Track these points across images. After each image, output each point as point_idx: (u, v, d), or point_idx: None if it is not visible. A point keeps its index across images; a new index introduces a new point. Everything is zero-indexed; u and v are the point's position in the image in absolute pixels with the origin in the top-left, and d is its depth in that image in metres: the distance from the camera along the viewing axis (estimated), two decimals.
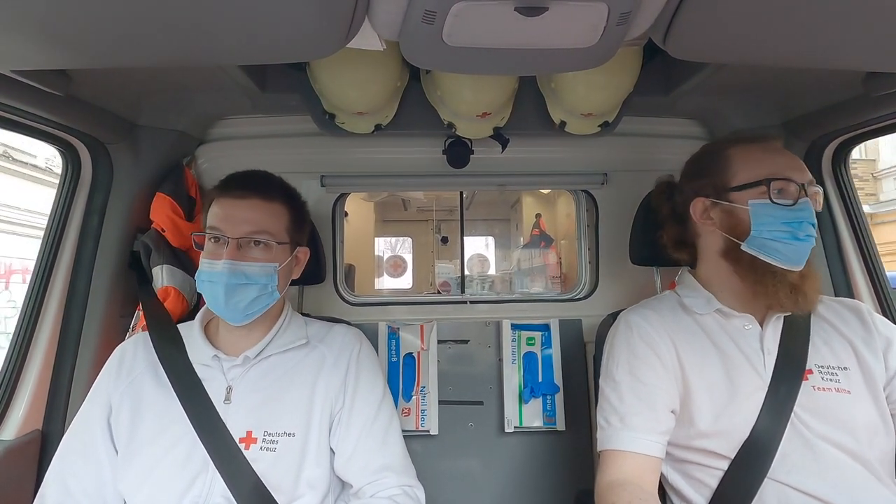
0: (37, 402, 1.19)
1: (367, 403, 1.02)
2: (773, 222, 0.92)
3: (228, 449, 0.92)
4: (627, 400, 0.96)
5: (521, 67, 0.91)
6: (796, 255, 0.92)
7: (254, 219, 0.96)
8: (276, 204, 1.00)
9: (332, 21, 0.66)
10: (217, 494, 0.91)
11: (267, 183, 1.03)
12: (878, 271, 1.34)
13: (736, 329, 0.99)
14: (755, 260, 0.94)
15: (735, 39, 0.74)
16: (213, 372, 0.99)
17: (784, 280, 0.93)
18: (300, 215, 1.07)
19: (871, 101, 1.07)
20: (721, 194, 0.99)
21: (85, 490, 0.94)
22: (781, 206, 0.92)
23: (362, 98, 1.18)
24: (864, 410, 0.91)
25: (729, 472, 0.91)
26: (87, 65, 0.77)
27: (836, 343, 0.98)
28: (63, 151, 1.22)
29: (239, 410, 0.96)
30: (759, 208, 0.93)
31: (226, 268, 0.93)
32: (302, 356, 1.04)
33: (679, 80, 1.27)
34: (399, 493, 0.96)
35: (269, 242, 0.97)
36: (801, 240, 0.91)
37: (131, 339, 1.10)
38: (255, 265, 0.96)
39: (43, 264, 1.21)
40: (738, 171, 0.98)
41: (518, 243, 5.08)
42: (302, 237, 1.08)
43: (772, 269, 0.93)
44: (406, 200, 5.47)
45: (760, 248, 0.93)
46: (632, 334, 1.02)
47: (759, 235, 0.93)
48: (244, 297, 0.95)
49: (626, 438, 0.92)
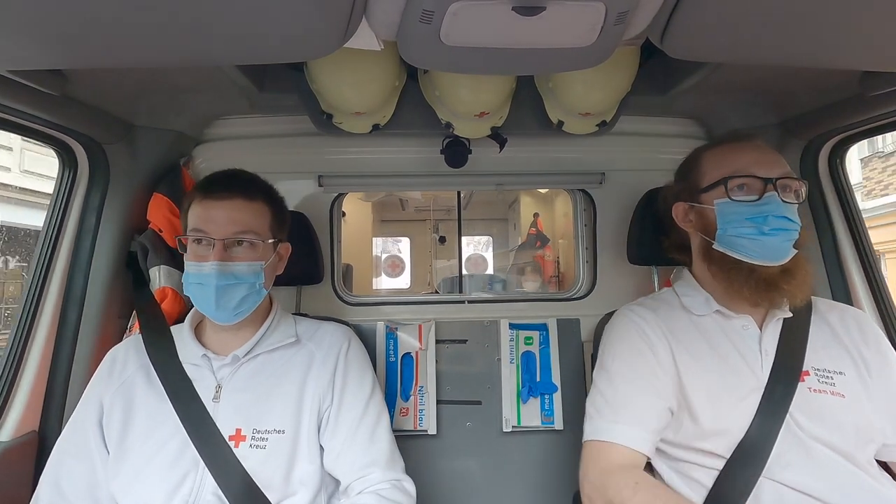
0: (33, 403, 1.18)
1: (356, 400, 1.03)
2: (736, 219, 0.93)
3: (218, 447, 0.93)
4: (621, 392, 0.96)
5: (518, 67, 0.91)
6: (765, 249, 0.92)
7: (239, 219, 0.97)
8: (258, 203, 1.01)
9: (330, 21, 0.66)
10: (208, 492, 0.91)
11: (249, 182, 1.04)
12: (874, 270, 1.35)
13: (734, 330, 0.99)
14: (725, 257, 0.96)
15: (732, 39, 0.74)
16: (203, 371, 1.00)
17: (758, 276, 0.93)
18: (281, 212, 1.08)
19: (867, 101, 1.07)
20: (694, 196, 1.02)
21: (77, 492, 0.95)
22: (744, 203, 0.93)
23: (360, 98, 1.18)
24: (858, 415, 0.91)
25: (724, 472, 0.91)
26: (83, 65, 0.77)
27: (835, 348, 0.98)
28: (60, 152, 1.21)
29: (228, 408, 0.97)
30: (723, 207, 0.95)
31: (214, 269, 0.94)
32: (291, 354, 1.05)
33: (676, 80, 1.27)
34: (386, 487, 0.97)
35: (255, 241, 0.98)
36: (767, 234, 0.91)
37: (123, 341, 1.11)
38: (243, 264, 0.97)
39: (40, 265, 1.21)
40: (706, 173, 1.00)
41: (517, 243, 5.08)
42: (283, 233, 1.09)
43: (744, 266, 0.94)
44: (404, 200, 5.47)
45: (729, 246, 0.95)
46: (630, 329, 1.03)
47: (724, 233, 0.95)
48: (233, 297, 0.96)
49: (617, 431, 0.92)
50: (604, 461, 0.91)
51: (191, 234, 0.98)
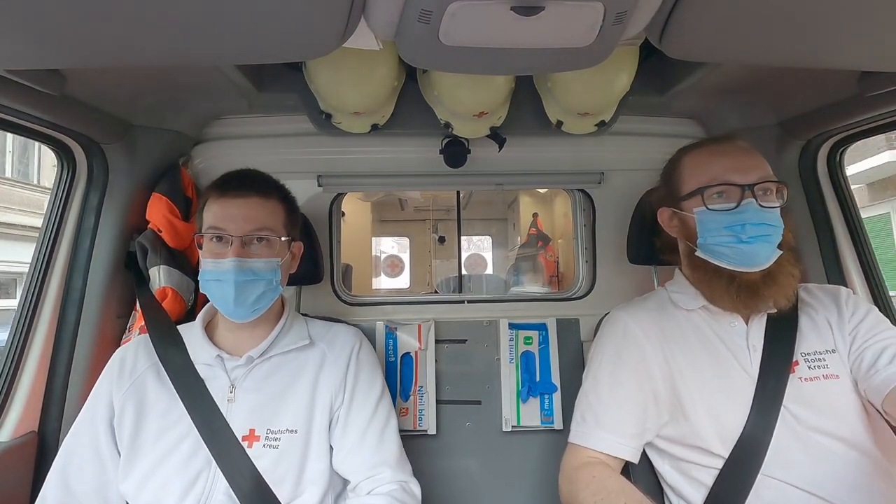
0: (33, 403, 1.18)
1: (366, 401, 1.04)
2: (715, 228, 0.93)
3: (231, 447, 0.94)
4: (605, 400, 0.99)
5: (517, 67, 0.91)
6: (744, 257, 0.91)
7: (256, 216, 0.99)
8: (273, 201, 1.03)
9: (329, 21, 0.66)
10: (219, 492, 0.92)
11: (264, 181, 1.06)
12: (873, 270, 1.35)
13: (722, 326, 1.00)
14: (707, 264, 0.96)
15: (731, 39, 0.74)
16: (216, 371, 1.01)
17: (740, 282, 0.93)
18: (294, 211, 1.10)
19: (865, 101, 1.07)
20: (676, 203, 1.02)
21: (87, 491, 0.95)
22: (721, 212, 0.92)
23: (359, 98, 1.18)
24: (854, 393, 0.92)
25: (724, 470, 0.92)
26: (82, 64, 0.77)
27: (822, 326, 0.98)
28: (58, 152, 1.21)
29: (242, 409, 0.97)
30: (701, 215, 0.95)
31: (233, 265, 0.95)
32: (304, 355, 1.06)
33: (675, 80, 1.27)
34: (396, 489, 0.98)
35: (272, 238, 1.00)
36: (745, 242, 0.90)
37: (131, 342, 1.11)
38: (261, 261, 0.98)
39: (39, 265, 1.21)
40: (686, 180, 1.00)
41: (516, 243, 5.08)
42: (296, 232, 1.11)
43: (725, 273, 0.94)
44: (403, 200, 5.47)
45: (710, 254, 0.95)
46: (618, 333, 1.03)
47: (704, 241, 0.95)
48: (252, 293, 0.97)
49: (597, 438, 0.96)
50: (576, 459, 0.97)
51: (207, 233, 0.98)
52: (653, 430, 0.98)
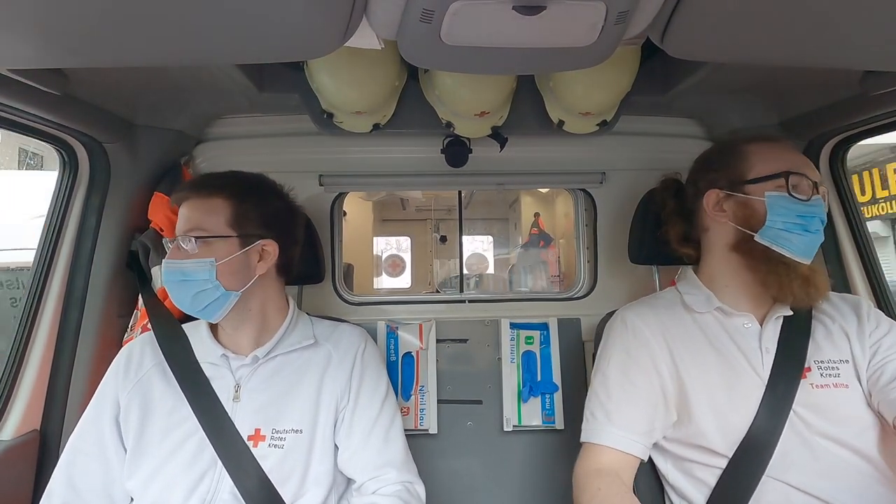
0: (35, 401, 1.18)
1: (371, 401, 1.04)
2: (788, 214, 0.94)
3: (236, 447, 0.94)
4: (615, 397, 0.98)
5: (519, 66, 0.91)
6: (807, 247, 0.94)
7: (190, 217, 0.99)
8: (214, 199, 0.98)
9: (330, 20, 0.66)
10: (225, 491, 0.92)
11: (207, 180, 1.04)
12: (875, 270, 1.35)
13: (735, 327, 0.99)
14: (768, 251, 0.96)
15: (733, 39, 0.74)
16: (221, 370, 1.01)
17: (796, 272, 0.94)
18: (250, 207, 1.01)
19: (868, 100, 1.07)
20: (736, 186, 1.01)
21: (93, 489, 0.95)
22: (797, 200, 0.94)
23: (360, 97, 1.18)
24: (862, 403, 0.92)
25: (727, 471, 0.91)
26: (84, 64, 0.77)
27: (837, 336, 0.98)
28: (60, 151, 1.21)
29: (247, 409, 0.97)
30: (776, 200, 0.95)
31: (166, 267, 0.97)
32: (309, 355, 1.06)
33: (677, 80, 1.27)
34: (401, 490, 0.98)
35: (209, 238, 0.96)
36: (812, 233, 0.93)
37: (137, 339, 1.11)
38: (189, 262, 0.96)
39: (40, 264, 1.21)
40: (756, 165, 1.00)
41: (517, 242, 5.08)
42: (260, 229, 1.01)
43: (784, 261, 0.94)
44: (405, 200, 5.47)
45: (774, 239, 0.95)
46: (627, 332, 1.03)
47: (773, 226, 0.95)
48: (187, 294, 0.96)
49: (608, 434, 0.96)
50: (589, 462, 0.96)
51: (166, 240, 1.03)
52: (661, 430, 0.98)
